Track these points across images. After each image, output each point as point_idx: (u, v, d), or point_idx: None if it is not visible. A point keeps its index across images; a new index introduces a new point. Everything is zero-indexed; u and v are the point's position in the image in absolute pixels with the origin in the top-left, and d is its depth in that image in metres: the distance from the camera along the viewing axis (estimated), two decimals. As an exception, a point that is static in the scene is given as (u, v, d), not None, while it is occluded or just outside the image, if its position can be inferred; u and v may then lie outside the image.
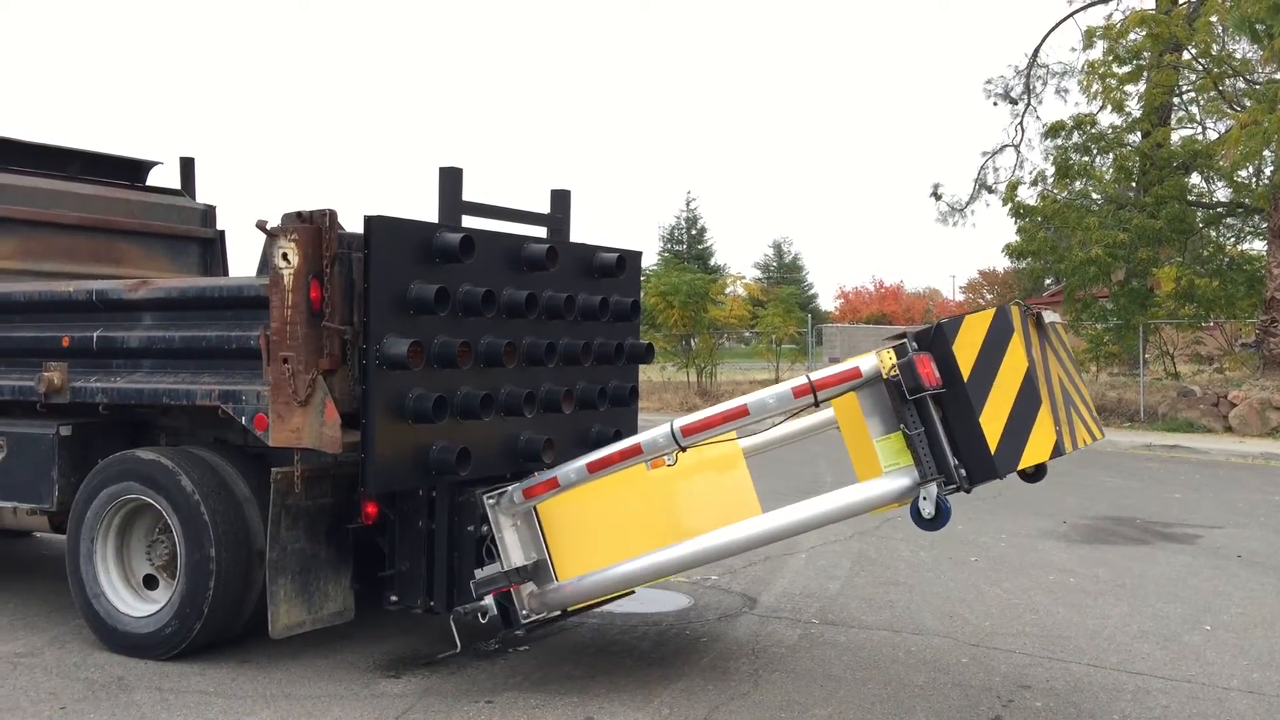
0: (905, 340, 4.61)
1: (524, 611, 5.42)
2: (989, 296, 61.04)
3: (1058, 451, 4.58)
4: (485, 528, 5.53)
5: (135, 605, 6.27)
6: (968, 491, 4.59)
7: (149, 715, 5.25)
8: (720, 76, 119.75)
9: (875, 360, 4.61)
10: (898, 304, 58.89)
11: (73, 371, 6.50)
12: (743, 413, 4.81)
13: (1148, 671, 6.08)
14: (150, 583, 6.38)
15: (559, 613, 5.49)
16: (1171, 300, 24.80)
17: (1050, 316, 5.11)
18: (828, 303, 63.21)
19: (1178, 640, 6.71)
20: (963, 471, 4.50)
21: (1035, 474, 5.18)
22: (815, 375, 4.74)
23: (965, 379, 4.54)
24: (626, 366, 6.98)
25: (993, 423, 4.51)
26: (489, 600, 5.44)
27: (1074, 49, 48.88)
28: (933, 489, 4.43)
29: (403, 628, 6.70)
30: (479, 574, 5.43)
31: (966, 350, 4.56)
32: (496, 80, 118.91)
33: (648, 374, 28.37)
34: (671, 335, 29.45)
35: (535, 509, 5.51)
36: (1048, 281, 44.32)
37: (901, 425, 4.54)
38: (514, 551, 5.48)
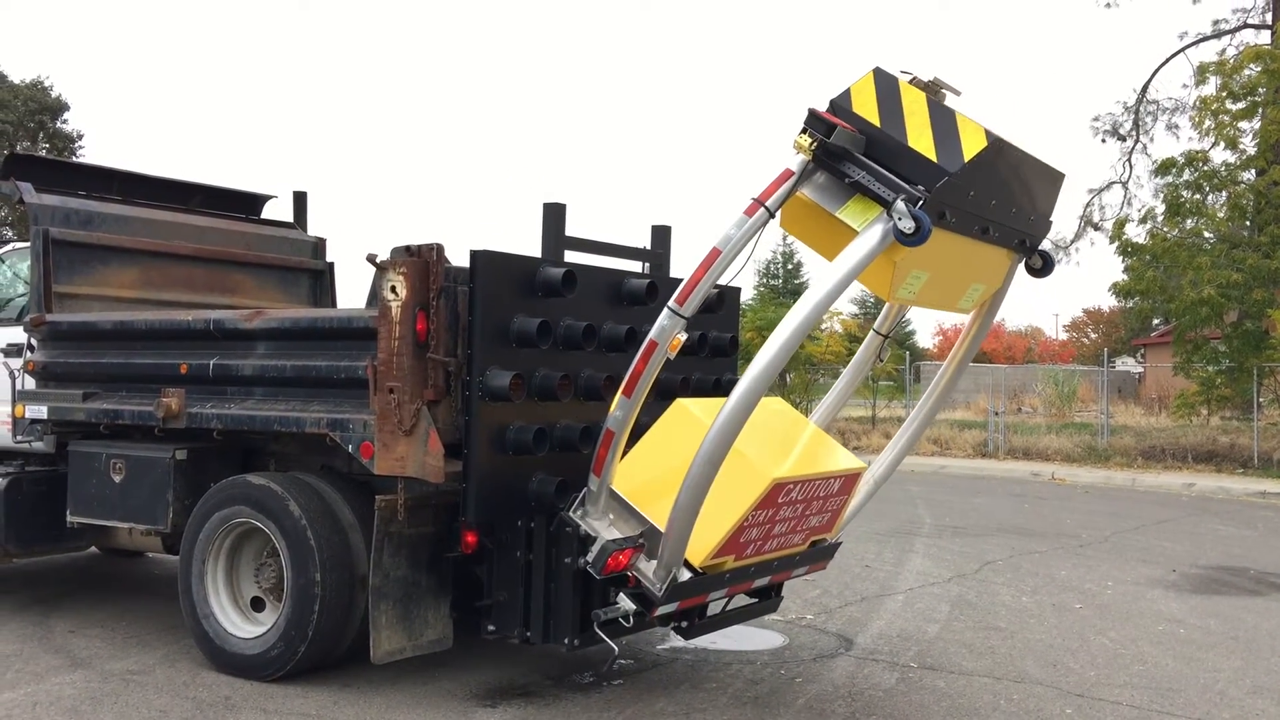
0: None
1: (655, 586, 5.38)
2: (1093, 336, 59.42)
3: (992, 137, 4.92)
4: (582, 560, 5.53)
5: (243, 626, 6.44)
6: (929, 198, 4.82)
7: (253, 735, 5.38)
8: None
9: (798, 154, 4.99)
10: (998, 342, 57.47)
11: (189, 397, 6.71)
12: (715, 254, 5.05)
13: (1263, 729, 5.85)
14: (257, 605, 6.54)
15: (689, 574, 5.41)
16: (1287, 343, 23.92)
17: (934, 77, 5.33)
18: (926, 340, 61.89)
19: (1296, 697, 6.45)
20: (920, 187, 4.85)
21: (1043, 268, 5.81)
22: (756, 193, 5.06)
23: (878, 124, 5.05)
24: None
25: (921, 139, 4.97)
26: (624, 601, 5.41)
27: (1185, 85, 47.73)
28: (900, 205, 4.78)
29: (499, 657, 6.76)
30: (589, 556, 5.38)
31: (866, 105, 5.10)
32: (598, 117, 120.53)
33: (743, 409, 28.12)
34: (767, 371, 29.24)
35: (614, 490, 5.47)
36: (1156, 321, 43.08)
37: (846, 180, 4.95)
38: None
